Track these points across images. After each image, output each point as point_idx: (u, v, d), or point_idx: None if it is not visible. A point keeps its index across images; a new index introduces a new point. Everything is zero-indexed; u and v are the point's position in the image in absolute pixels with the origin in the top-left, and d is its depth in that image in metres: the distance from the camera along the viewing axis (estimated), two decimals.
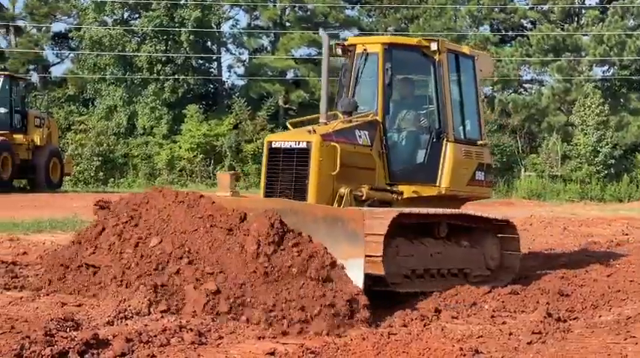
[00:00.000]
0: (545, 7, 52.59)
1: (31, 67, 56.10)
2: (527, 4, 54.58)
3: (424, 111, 12.99)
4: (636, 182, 46.61)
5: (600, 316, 10.53)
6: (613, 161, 48.53)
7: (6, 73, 36.06)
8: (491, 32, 54.57)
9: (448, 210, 12.22)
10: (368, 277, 9.97)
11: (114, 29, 51.95)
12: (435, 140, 12.70)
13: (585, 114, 48.19)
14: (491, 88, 53.54)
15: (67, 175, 36.43)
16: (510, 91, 53.87)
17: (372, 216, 10.44)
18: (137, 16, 53.51)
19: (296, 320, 9.09)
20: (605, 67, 53.35)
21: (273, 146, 11.67)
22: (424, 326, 9.73)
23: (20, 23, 57.36)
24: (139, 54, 51.26)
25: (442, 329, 9.51)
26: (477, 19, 54.34)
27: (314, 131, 11.52)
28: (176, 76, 51.84)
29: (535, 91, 54.73)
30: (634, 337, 9.20)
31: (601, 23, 51.26)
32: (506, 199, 39.37)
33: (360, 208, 11.06)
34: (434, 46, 12.59)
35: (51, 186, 32.87)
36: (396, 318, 10.05)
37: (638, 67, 51.57)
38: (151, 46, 51.23)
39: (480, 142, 13.46)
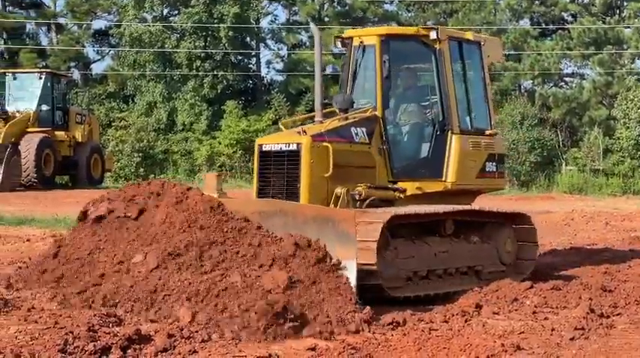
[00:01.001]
0: (587, 0, 52.26)
1: (72, 64, 56.58)
2: None
3: (426, 103, 12.50)
4: None
5: None
6: None
7: (48, 70, 36.45)
8: (531, 26, 54.35)
9: (447, 207, 11.73)
10: (362, 284, 9.64)
11: (153, 26, 52.26)
12: (438, 133, 12.19)
13: (628, 107, 47.66)
14: (531, 81, 53.41)
15: (108, 171, 36.69)
16: (551, 85, 53.79)
17: (364, 219, 10.13)
18: (176, 12, 53.77)
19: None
20: None
21: (264, 149, 11.28)
22: (465, 321, 9.69)
23: (61, 21, 57.84)
24: (178, 50, 51.52)
25: (483, 325, 9.48)
26: (516, 13, 54.14)
27: (304, 132, 11.14)
28: (215, 72, 52.01)
29: (576, 85, 54.63)
30: None
31: None
32: (547, 194, 39.15)
33: (352, 209, 10.77)
34: (433, 35, 12.06)
35: (92, 182, 33.09)
36: (437, 314, 10.04)
37: None
38: (190, 43, 51.47)
39: (488, 132, 12.88)
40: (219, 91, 52.50)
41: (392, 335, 9.03)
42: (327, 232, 9.40)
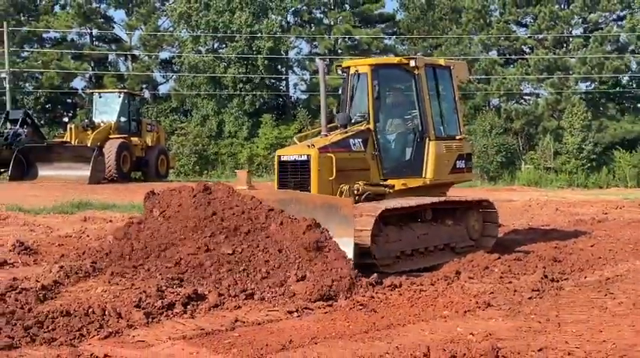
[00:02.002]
0: (541, 36, 52.27)
1: (144, 85, 56.71)
2: (527, 34, 54.19)
3: (409, 117, 12.30)
4: (613, 173, 46.11)
5: (586, 277, 10.42)
6: (594, 156, 48.36)
7: (125, 90, 36.50)
8: (498, 56, 54.19)
9: (428, 199, 11.75)
10: (358, 263, 9.66)
11: (206, 56, 52.36)
12: (419, 140, 12.08)
13: (572, 119, 48.30)
14: (498, 99, 53.43)
15: (171, 168, 36.74)
16: (513, 102, 53.67)
17: (362, 212, 10.15)
18: (224, 46, 53.80)
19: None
20: (588, 83, 52.99)
21: (282, 159, 11.27)
22: (447, 284, 9.69)
23: (135, 52, 57.97)
24: (225, 75, 51.61)
25: (462, 287, 9.48)
26: (487, 46, 54.07)
27: (313, 145, 11.16)
28: (254, 92, 52.11)
29: (532, 102, 54.51)
30: (612, 293, 9.16)
31: (584, 48, 51.05)
32: (510, 186, 39.05)
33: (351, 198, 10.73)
34: (413, 63, 11.97)
35: (159, 176, 33.16)
36: (425, 279, 10.03)
37: (614, 82, 51.62)
38: (234, 69, 51.57)
39: (458, 137, 12.69)
40: (257, 107, 52.64)
41: (391, 294, 9.06)
42: (332, 216, 9.48)
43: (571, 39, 52.57)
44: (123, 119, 32.53)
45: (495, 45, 53.93)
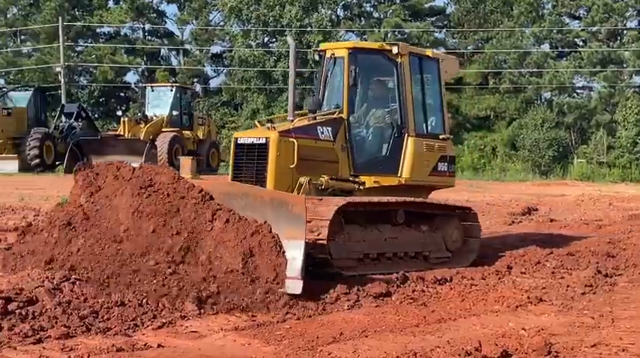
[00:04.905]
0: (594, 29, 51.55)
1: (195, 79, 57.12)
2: (580, 27, 53.48)
3: (387, 109, 11.11)
4: None
5: None
6: None
7: (177, 84, 36.88)
8: (550, 49, 53.54)
9: (400, 198, 10.43)
10: (314, 260, 8.70)
11: (257, 50, 52.56)
12: (396, 135, 10.92)
13: (626, 113, 47.54)
14: (550, 92, 52.89)
15: (222, 161, 37.01)
16: (565, 95, 52.99)
17: (319, 203, 9.16)
18: (274, 40, 53.98)
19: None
20: None
21: (239, 142, 10.17)
22: (499, 279, 9.65)
23: (187, 46, 58.45)
24: (275, 69, 51.75)
25: (513, 282, 9.43)
26: (539, 39, 53.45)
27: (273, 128, 10.08)
28: (304, 86, 52.18)
29: (585, 95, 53.91)
30: None
31: (639, 41, 50.37)
32: (562, 181, 38.63)
33: (311, 195, 9.68)
34: (395, 50, 10.82)
35: (211, 170, 33.37)
36: (476, 273, 9.98)
37: None
38: (284, 63, 51.68)
39: (442, 136, 11.50)
40: None
41: (441, 288, 9.03)
42: (281, 214, 8.14)
43: (625, 31, 51.82)
44: (175, 113, 32.85)
45: (547, 38, 53.32)
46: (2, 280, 7.69)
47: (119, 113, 54.51)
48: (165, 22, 59.81)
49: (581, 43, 53.58)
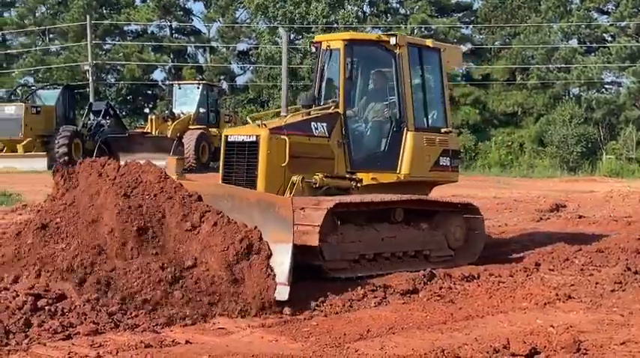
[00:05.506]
0: (623, 24, 51.08)
1: (222, 77, 57.27)
2: (608, 22, 53.05)
3: (386, 103, 10.67)
4: None
5: None
6: None
7: (204, 82, 37.00)
8: (578, 44, 53.16)
9: (395, 196, 9.91)
10: (308, 265, 8.48)
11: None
12: (395, 129, 10.51)
13: None
14: (578, 88, 52.54)
15: None
16: (594, 91, 52.64)
17: (310, 205, 8.76)
18: (300, 37, 53.99)
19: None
20: None
21: (229, 140, 9.84)
22: (527, 276, 9.61)
23: (213, 44, 58.65)
24: (301, 66, 51.77)
25: (541, 279, 9.38)
26: (567, 34, 53.07)
27: (264, 125, 9.68)
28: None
29: (614, 91, 53.53)
30: None
31: None
32: (590, 177, 38.36)
33: (306, 196, 9.46)
34: (393, 40, 10.39)
35: None
36: (504, 270, 9.93)
37: None
38: (310, 60, 51.66)
39: (444, 130, 11.07)
40: None
41: (469, 286, 9.01)
42: (269, 216, 7.75)
43: None
44: (202, 110, 32.94)
45: (576, 33, 52.92)
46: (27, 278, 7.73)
47: (146, 110, 54.86)
48: (192, 20, 60.11)
49: (609, 38, 53.12)
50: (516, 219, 16.48)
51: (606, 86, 54.37)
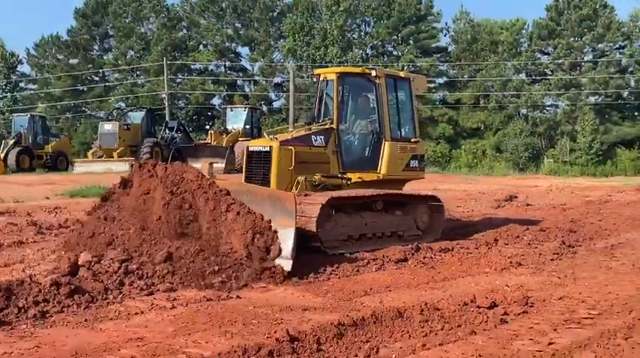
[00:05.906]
0: (559, 61, 50.82)
1: (262, 102, 57.30)
2: (549, 60, 52.70)
3: (369, 120, 10.53)
4: (615, 165, 44.93)
5: (595, 244, 10.09)
6: (601, 152, 47.01)
7: (249, 106, 36.98)
8: (526, 77, 52.88)
9: (375, 191, 9.68)
10: (309, 244, 8.23)
11: (307, 79, 52.43)
12: (376, 140, 10.37)
13: (584, 124, 47.14)
14: (526, 109, 52.29)
15: None
16: (538, 112, 52.42)
17: (308, 201, 8.57)
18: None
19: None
20: (596, 97, 51.29)
21: (250, 149, 9.62)
22: (488, 248, 9.53)
23: (256, 78, 58.69)
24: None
25: (499, 251, 9.31)
26: (517, 69, 52.80)
27: (276, 138, 9.50)
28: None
29: (553, 111, 53.24)
30: (615, 256, 8.88)
31: (593, 70, 49.70)
32: (535, 175, 38.14)
33: (308, 191, 9.27)
34: (374, 73, 10.25)
35: None
36: (471, 244, 9.85)
37: (616, 96, 49.95)
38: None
39: (413, 139, 10.82)
40: None
41: (445, 256, 8.95)
42: (277, 207, 7.61)
43: (583, 63, 51.06)
44: (247, 127, 32.98)
45: (524, 68, 52.65)
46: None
47: (207, 127, 54.98)
48: (241, 60, 60.13)
49: (549, 72, 52.83)
50: (480, 207, 16.40)
51: (547, 108, 54.11)
